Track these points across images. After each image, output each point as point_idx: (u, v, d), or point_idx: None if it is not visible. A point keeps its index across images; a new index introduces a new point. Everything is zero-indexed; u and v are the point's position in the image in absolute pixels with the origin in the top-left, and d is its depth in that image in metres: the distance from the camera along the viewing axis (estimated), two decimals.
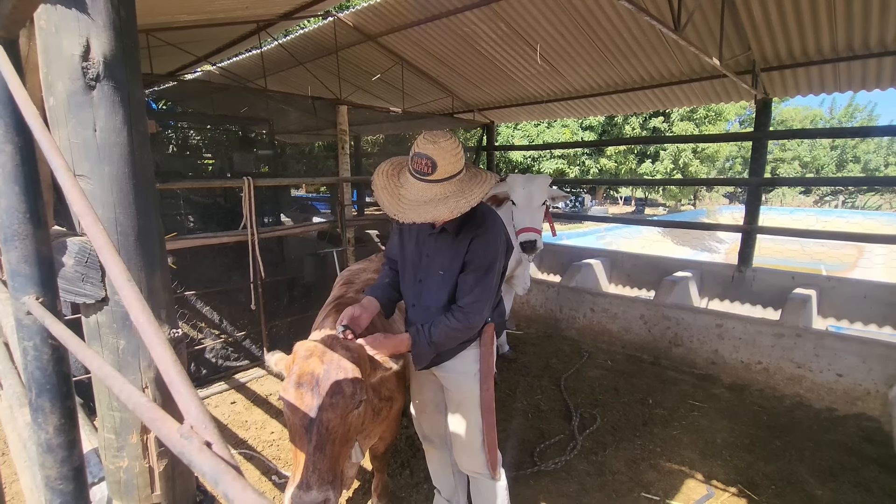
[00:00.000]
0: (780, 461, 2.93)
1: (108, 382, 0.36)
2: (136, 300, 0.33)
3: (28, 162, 0.60)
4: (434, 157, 1.56)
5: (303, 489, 1.32)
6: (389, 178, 1.69)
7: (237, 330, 4.39)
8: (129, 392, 0.34)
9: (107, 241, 0.36)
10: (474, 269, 1.72)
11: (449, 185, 1.60)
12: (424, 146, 1.57)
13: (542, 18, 4.51)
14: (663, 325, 4.44)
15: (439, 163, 1.56)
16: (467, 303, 1.72)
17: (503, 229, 1.80)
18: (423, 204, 1.59)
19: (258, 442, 3.10)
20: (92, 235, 0.37)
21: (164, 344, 0.31)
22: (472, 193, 1.60)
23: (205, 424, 0.27)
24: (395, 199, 1.63)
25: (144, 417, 0.31)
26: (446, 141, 1.57)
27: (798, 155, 30.05)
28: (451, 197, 1.59)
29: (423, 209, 1.58)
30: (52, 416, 0.62)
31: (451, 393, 1.94)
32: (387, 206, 1.63)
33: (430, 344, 1.71)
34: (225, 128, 6.28)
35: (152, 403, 0.31)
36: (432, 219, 1.57)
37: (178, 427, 0.28)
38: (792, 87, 4.71)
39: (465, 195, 1.59)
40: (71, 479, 0.64)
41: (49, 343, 0.61)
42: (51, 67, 0.66)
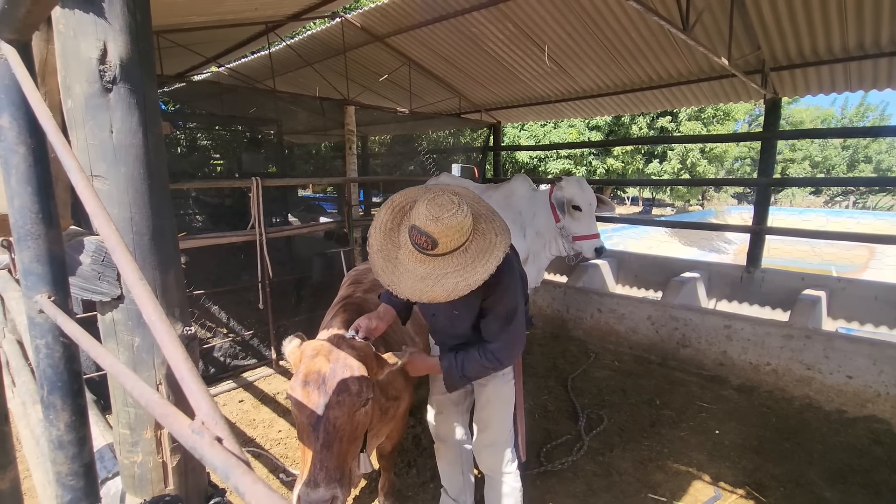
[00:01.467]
0: (788, 463, 2.90)
1: (120, 380, 0.36)
2: (148, 299, 0.34)
3: (41, 163, 0.61)
4: (435, 236, 1.39)
5: (311, 486, 1.33)
6: (388, 237, 1.53)
7: (245, 329, 4.42)
8: (140, 389, 0.34)
9: (119, 240, 0.37)
10: (496, 318, 1.65)
11: (451, 260, 1.45)
12: (425, 223, 1.39)
13: (549, 18, 4.50)
14: (671, 326, 4.41)
15: (441, 241, 1.40)
16: (497, 348, 1.67)
17: (516, 267, 1.72)
18: (421, 280, 1.45)
19: (266, 440, 3.12)
20: (104, 235, 0.38)
21: (175, 341, 0.32)
22: (475, 273, 1.43)
23: (215, 420, 0.28)
24: (391, 266, 1.50)
25: (156, 413, 0.31)
26: (450, 216, 1.39)
27: (808, 155, 29.74)
28: (451, 274, 1.44)
29: (420, 286, 1.45)
30: (64, 413, 0.63)
31: (479, 391, 1.96)
32: (380, 274, 1.50)
33: (463, 377, 1.72)
34: (233, 128, 6.33)
35: (164, 400, 0.32)
36: (427, 300, 1.44)
37: (189, 423, 0.29)
38: (802, 87, 4.66)
39: (467, 274, 1.43)
40: (81, 476, 0.65)
41: (60, 341, 0.63)
42: (69, 70, 0.67)
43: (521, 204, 3.81)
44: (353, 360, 1.50)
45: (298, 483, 1.37)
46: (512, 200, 3.82)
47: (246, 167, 5.78)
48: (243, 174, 5.59)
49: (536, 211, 3.74)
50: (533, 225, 3.74)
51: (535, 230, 3.72)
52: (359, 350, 1.55)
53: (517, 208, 3.80)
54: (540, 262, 3.86)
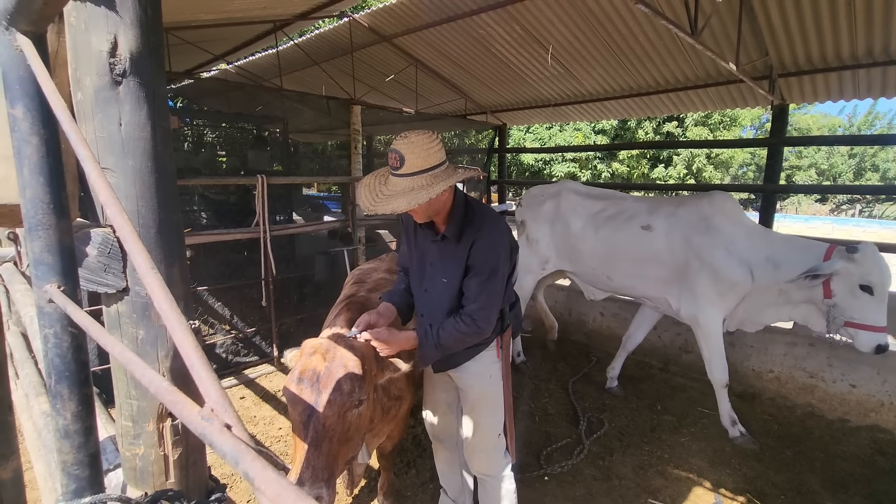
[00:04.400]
0: (790, 471, 2.89)
1: (129, 367, 0.37)
2: (159, 288, 0.35)
3: (53, 154, 0.62)
4: (402, 151, 1.56)
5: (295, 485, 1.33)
6: (377, 177, 1.70)
7: (247, 326, 4.43)
8: (150, 377, 0.35)
9: (132, 230, 0.38)
10: (476, 273, 1.70)
11: (418, 180, 1.57)
12: (396, 142, 1.58)
13: (557, 21, 4.50)
14: (673, 332, 4.40)
15: (407, 157, 1.55)
16: (473, 309, 1.70)
17: (506, 230, 1.77)
18: (389, 197, 1.59)
19: (266, 437, 3.13)
20: (117, 225, 0.39)
21: (186, 329, 0.32)
22: (436, 186, 1.55)
23: (224, 408, 0.28)
24: (370, 192, 1.65)
25: (166, 400, 0.32)
26: (417, 136, 1.57)
27: (815, 162, 29.60)
28: (416, 190, 1.56)
29: (385, 201, 1.58)
30: (71, 402, 0.64)
31: (466, 394, 1.94)
32: (360, 198, 1.67)
33: (438, 346, 1.70)
34: (240, 126, 6.35)
35: (173, 387, 0.32)
36: (389, 210, 1.56)
37: (199, 410, 0.29)
38: (810, 94, 4.65)
39: (429, 188, 1.56)
40: (87, 465, 0.65)
41: (69, 331, 0.63)
42: (79, 63, 0.68)
43: (731, 232, 3.17)
44: (350, 359, 1.49)
45: None
46: (716, 223, 3.21)
47: (251, 164, 5.80)
48: (249, 171, 5.60)
49: (774, 257, 3.02)
50: (772, 275, 3.01)
51: (777, 285, 3.00)
52: (358, 350, 1.55)
53: (727, 236, 3.16)
54: (759, 314, 3.22)
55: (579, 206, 3.81)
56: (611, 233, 3.57)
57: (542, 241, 3.95)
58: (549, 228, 3.91)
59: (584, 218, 3.74)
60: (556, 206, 3.89)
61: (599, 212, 3.70)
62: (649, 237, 3.39)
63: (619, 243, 3.51)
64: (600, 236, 3.61)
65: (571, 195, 3.86)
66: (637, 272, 3.48)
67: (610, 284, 3.70)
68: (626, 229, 3.49)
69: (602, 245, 3.61)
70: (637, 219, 3.48)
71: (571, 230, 3.76)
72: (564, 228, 3.81)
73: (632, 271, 3.50)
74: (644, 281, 3.48)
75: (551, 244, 3.92)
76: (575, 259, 3.83)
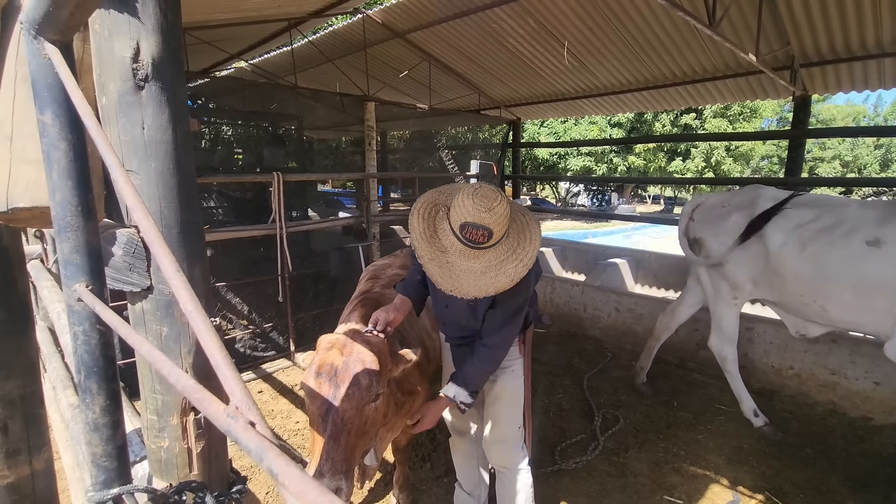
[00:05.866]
0: (810, 469, 2.85)
1: (156, 366, 0.38)
2: (184, 289, 0.36)
3: (80, 158, 0.64)
4: (490, 226, 1.41)
5: (315, 477, 1.36)
6: (431, 244, 1.53)
7: (265, 321, 4.50)
8: (177, 375, 0.36)
9: (157, 234, 0.39)
10: (502, 308, 1.67)
11: (502, 247, 1.48)
12: (479, 215, 1.40)
13: (571, 14, 4.46)
14: (690, 327, 4.34)
15: (495, 230, 1.42)
16: (494, 342, 1.70)
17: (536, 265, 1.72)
18: (482, 274, 1.48)
19: (284, 431, 3.18)
20: (143, 229, 0.40)
21: (210, 330, 0.33)
22: (525, 252, 1.48)
23: (248, 406, 0.30)
24: (447, 271, 1.51)
25: (193, 398, 0.33)
26: (499, 205, 1.41)
27: (838, 154, 28.85)
28: (506, 260, 1.47)
29: (484, 280, 1.47)
30: (99, 397, 0.66)
31: (489, 386, 1.97)
32: (439, 281, 1.50)
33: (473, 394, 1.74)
34: (255, 124, 6.43)
35: (199, 385, 0.34)
36: (494, 292, 1.47)
37: (224, 408, 0.31)
38: (833, 84, 4.53)
39: (519, 253, 1.48)
40: (115, 457, 0.68)
41: (97, 328, 0.66)
42: (104, 69, 0.70)
43: None
44: (367, 354, 1.52)
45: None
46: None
47: (267, 162, 5.88)
48: (264, 169, 5.68)
49: None
50: None
51: None
52: (374, 346, 1.57)
53: None
54: None
55: (781, 217, 3.09)
56: (823, 250, 2.85)
57: (730, 265, 3.27)
58: (740, 247, 3.23)
59: (785, 232, 3.03)
60: (749, 218, 3.20)
61: (807, 223, 2.97)
62: (879, 256, 2.67)
63: (834, 264, 2.80)
64: (808, 255, 2.91)
65: (770, 204, 3.15)
66: (863, 303, 2.74)
67: (826, 317, 2.95)
68: (845, 246, 2.78)
69: (810, 267, 2.89)
70: (860, 231, 2.76)
71: (770, 248, 3.06)
72: (761, 246, 3.12)
73: (855, 302, 2.77)
74: (874, 314, 2.73)
75: (744, 267, 3.23)
76: (777, 286, 3.10)
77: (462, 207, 1.42)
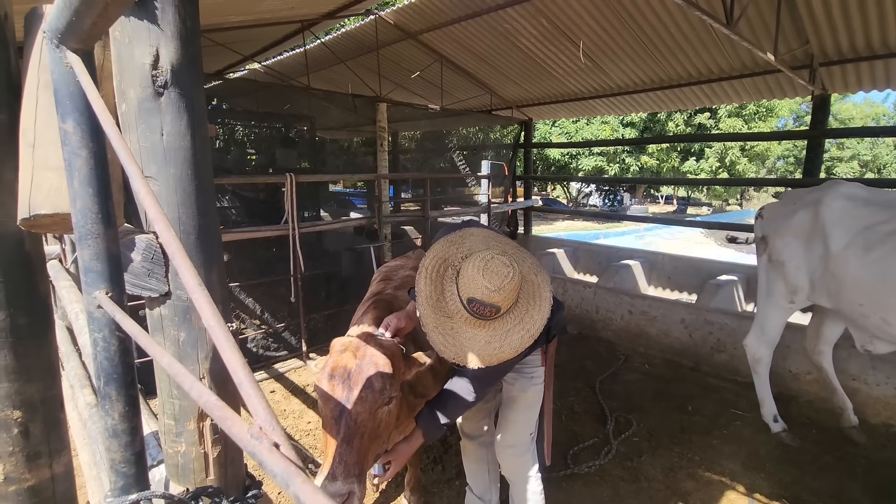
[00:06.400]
0: (829, 477, 2.79)
1: (177, 379, 0.38)
2: (206, 304, 0.36)
3: (101, 166, 0.64)
4: (499, 304, 1.41)
5: (329, 480, 1.35)
6: (437, 309, 1.50)
7: (277, 321, 4.53)
8: (199, 390, 0.36)
9: (179, 246, 0.39)
10: None
11: (509, 316, 1.47)
12: (488, 295, 1.38)
13: (585, 14, 4.43)
14: (705, 330, 4.29)
15: (504, 306, 1.42)
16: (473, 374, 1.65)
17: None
18: (487, 344, 1.46)
19: (296, 431, 3.20)
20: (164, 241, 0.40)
21: (233, 347, 0.33)
22: (534, 322, 1.46)
23: (272, 426, 0.29)
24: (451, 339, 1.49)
25: (215, 416, 0.33)
26: (510, 282, 1.39)
27: (857, 153, 28.30)
28: (512, 330, 1.46)
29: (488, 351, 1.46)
30: (118, 403, 0.67)
31: (506, 389, 1.96)
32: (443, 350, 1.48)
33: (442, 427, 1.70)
34: (268, 124, 6.48)
35: (222, 402, 0.34)
36: (497, 362, 1.46)
37: (248, 427, 0.30)
38: (853, 83, 4.44)
39: (526, 323, 1.46)
40: (133, 463, 0.68)
41: (116, 335, 0.66)
42: (124, 76, 0.70)
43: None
44: (380, 357, 1.51)
45: (319, 476, 1.40)
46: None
47: (280, 162, 5.92)
48: (277, 169, 5.71)
49: None
50: None
51: None
52: (387, 349, 1.57)
53: None
54: None
55: (849, 216, 2.81)
56: (888, 255, 2.59)
57: (791, 265, 3.05)
58: (802, 247, 3.00)
59: (850, 233, 2.77)
60: (815, 216, 2.95)
61: (876, 224, 2.70)
62: None
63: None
64: (870, 260, 2.65)
65: (840, 202, 2.88)
66: None
67: (889, 332, 2.70)
68: None
69: (872, 273, 2.63)
70: None
71: (831, 249, 2.83)
72: (823, 247, 2.88)
73: None
74: None
75: (804, 269, 3.00)
76: (834, 291, 2.86)
77: (472, 281, 1.40)
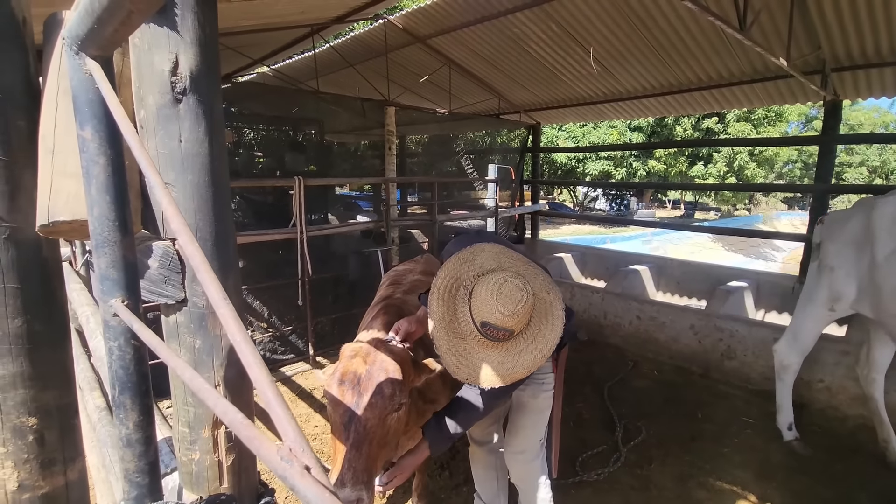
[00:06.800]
0: (840, 486, 2.75)
1: (200, 395, 0.37)
2: (232, 319, 0.35)
3: (118, 173, 0.64)
4: (513, 328, 1.42)
5: (337, 486, 1.34)
6: (449, 330, 1.50)
7: (284, 325, 4.53)
8: (223, 407, 0.35)
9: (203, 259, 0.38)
10: None
11: (521, 337, 1.48)
12: (502, 320, 1.39)
13: (595, 19, 4.41)
14: (715, 337, 4.25)
15: (517, 329, 1.44)
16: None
17: None
18: (500, 364, 1.47)
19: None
20: (189, 254, 0.39)
21: (261, 365, 0.32)
22: (547, 341, 1.46)
23: (302, 447, 0.28)
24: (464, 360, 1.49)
25: (242, 435, 0.32)
26: (524, 305, 1.39)
27: (866, 159, 28.07)
28: (525, 350, 1.47)
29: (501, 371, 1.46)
30: (133, 412, 0.66)
31: (515, 395, 1.95)
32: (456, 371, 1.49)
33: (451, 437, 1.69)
34: (277, 128, 6.50)
35: (250, 423, 0.33)
36: (510, 381, 1.46)
37: (277, 449, 0.29)
38: (865, 89, 4.40)
39: (539, 343, 1.47)
40: (147, 473, 0.68)
41: (132, 343, 0.65)
42: (143, 82, 0.70)
43: None
44: (391, 364, 1.50)
45: None
46: None
47: (288, 166, 5.93)
48: (285, 173, 5.72)
49: None
50: None
51: None
52: (397, 355, 1.56)
53: None
54: None
55: None
56: None
57: (841, 271, 2.92)
58: (853, 254, 2.87)
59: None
60: (867, 221, 2.80)
61: None
62: None
63: None
64: None
65: (892, 207, 2.72)
66: None
67: None
68: None
69: None
70: None
71: (877, 256, 2.70)
72: (871, 255, 2.75)
73: None
74: None
75: (853, 276, 2.86)
76: (875, 301, 2.74)
77: (485, 305, 1.41)
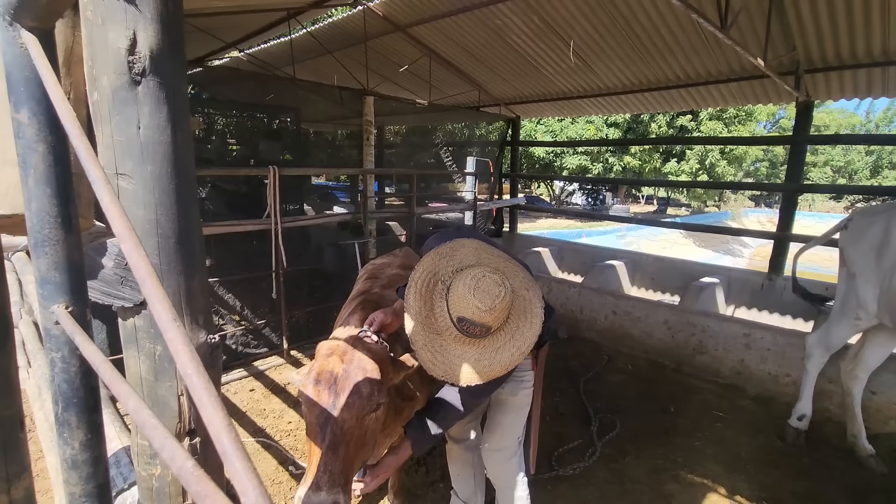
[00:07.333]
0: (808, 479, 2.83)
1: (146, 431, 0.31)
2: (184, 348, 0.29)
3: (61, 163, 0.56)
4: (490, 324, 1.40)
5: (313, 490, 1.29)
6: (426, 326, 1.47)
7: (257, 318, 4.41)
8: (172, 449, 0.29)
9: (151, 271, 0.32)
10: None
11: (499, 334, 1.46)
12: (480, 315, 1.37)
13: (577, 13, 4.39)
14: (688, 332, 4.32)
15: (494, 325, 1.42)
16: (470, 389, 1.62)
17: None
18: (477, 362, 1.45)
19: (276, 431, 3.11)
20: (133, 262, 0.33)
21: (216, 404, 0.27)
22: (525, 339, 1.45)
23: None
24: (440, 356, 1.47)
25: (192, 491, 0.27)
26: (501, 301, 1.37)
27: (830, 159, 29.12)
28: (503, 347, 1.45)
29: (478, 368, 1.44)
30: (79, 431, 0.59)
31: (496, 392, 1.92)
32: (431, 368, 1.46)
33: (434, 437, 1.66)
34: (251, 115, 6.29)
35: (201, 473, 0.27)
36: (486, 379, 1.44)
37: None
38: (836, 90, 4.51)
39: (517, 340, 1.45)
40: (95, 497, 0.61)
41: (77, 354, 0.59)
42: (96, 61, 0.62)
43: None
44: (368, 363, 1.45)
45: (302, 485, 1.33)
46: None
47: (263, 154, 5.76)
48: (260, 161, 5.56)
49: None
50: None
51: None
52: (375, 353, 1.51)
53: None
54: None
55: None
56: None
57: (861, 278, 2.79)
58: (873, 259, 2.73)
59: None
60: (887, 226, 2.68)
61: None
62: None
63: None
64: None
65: None
66: None
67: None
68: None
69: None
70: None
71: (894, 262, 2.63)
72: (891, 260, 2.65)
73: None
74: None
75: (872, 282, 2.74)
76: (891, 310, 2.65)
77: (462, 300, 1.39)
